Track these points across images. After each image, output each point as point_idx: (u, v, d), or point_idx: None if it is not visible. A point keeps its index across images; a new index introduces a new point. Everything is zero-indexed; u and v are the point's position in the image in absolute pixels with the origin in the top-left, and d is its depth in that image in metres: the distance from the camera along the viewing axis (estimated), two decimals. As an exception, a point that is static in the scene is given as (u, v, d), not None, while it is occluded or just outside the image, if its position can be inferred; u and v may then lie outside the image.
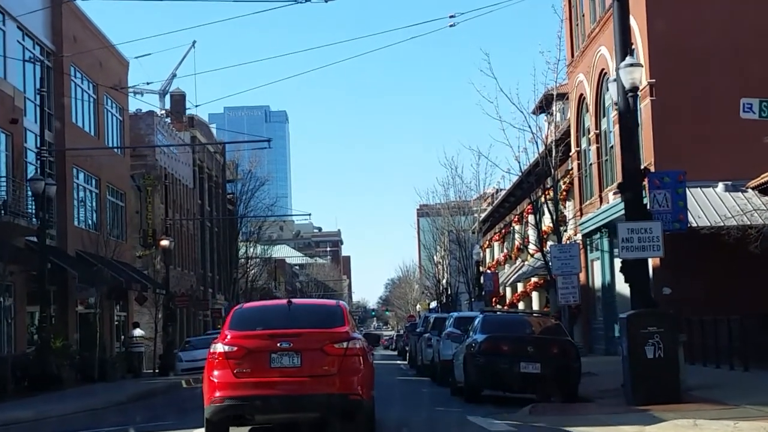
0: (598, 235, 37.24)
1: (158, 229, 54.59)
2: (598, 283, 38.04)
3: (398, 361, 54.58)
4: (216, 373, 12.80)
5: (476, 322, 19.63)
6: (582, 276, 40.46)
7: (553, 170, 30.59)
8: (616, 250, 37.32)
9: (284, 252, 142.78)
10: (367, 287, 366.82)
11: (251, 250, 73.21)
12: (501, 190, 60.20)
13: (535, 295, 51.73)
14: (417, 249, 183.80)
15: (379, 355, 70.14)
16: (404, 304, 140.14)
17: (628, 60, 17.78)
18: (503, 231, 62.98)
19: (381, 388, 21.88)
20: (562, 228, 48.06)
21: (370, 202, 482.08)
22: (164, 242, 44.70)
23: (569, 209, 42.62)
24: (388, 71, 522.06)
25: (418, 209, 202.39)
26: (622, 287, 37.01)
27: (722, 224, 24.63)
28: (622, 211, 34.02)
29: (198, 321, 70.60)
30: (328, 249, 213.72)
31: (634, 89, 17.75)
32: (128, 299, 49.87)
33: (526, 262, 54.06)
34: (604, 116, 35.99)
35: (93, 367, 34.02)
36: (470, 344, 18.79)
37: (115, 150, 50.02)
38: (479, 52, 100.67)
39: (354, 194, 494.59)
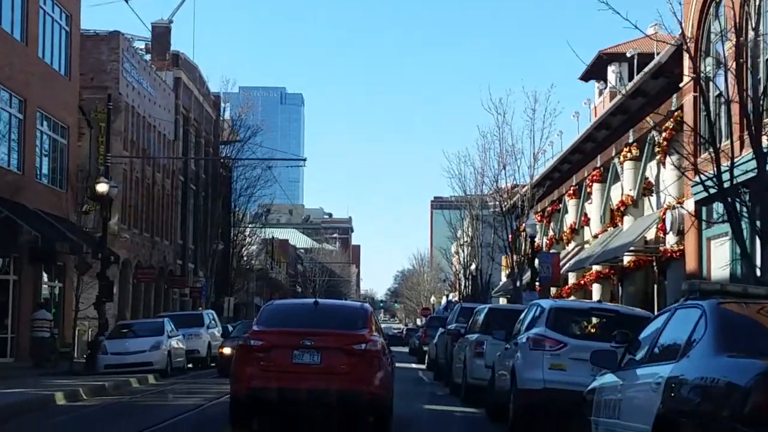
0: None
1: (115, 176, 42.68)
2: (719, 271, 25.72)
3: (413, 365, 42.21)
4: (243, 364, 13.92)
5: (696, 325, 7.08)
6: (693, 261, 28.32)
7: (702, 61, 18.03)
8: (759, 222, 25.28)
9: (291, 235, 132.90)
10: (376, 278, 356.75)
11: (241, 216, 60.97)
12: (517, 186, 47.20)
13: (596, 288, 39.25)
14: (429, 237, 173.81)
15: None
16: (416, 295, 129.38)
17: None
18: (550, 209, 50.65)
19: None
20: (646, 197, 36.02)
21: (384, 192, 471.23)
22: (101, 187, 32.37)
23: (670, 167, 30.28)
24: (409, 56, 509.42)
25: (432, 201, 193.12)
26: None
27: None
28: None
29: (173, 300, 58.56)
30: (338, 236, 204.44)
31: None
32: (66, 267, 37.94)
33: (587, 246, 41.78)
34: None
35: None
36: (727, 388, 6.23)
37: (56, 67, 37.83)
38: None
39: (368, 183, 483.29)
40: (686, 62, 27.94)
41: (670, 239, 29.56)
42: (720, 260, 25.88)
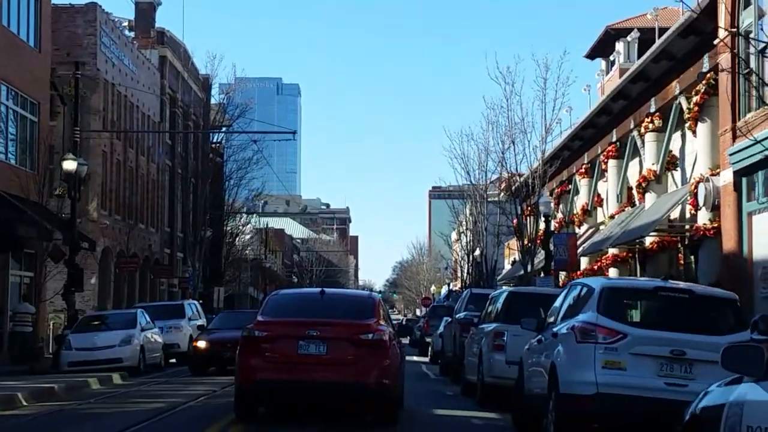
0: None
1: (93, 158, 39.64)
2: (764, 249, 22.67)
3: (414, 357, 39.17)
4: (247, 355, 13.55)
5: None
6: (731, 239, 25.22)
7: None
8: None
9: (287, 225, 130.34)
10: (374, 270, 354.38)
11: (232, 202, 57.89)
12: (515, 174, 43.89)
13: (612, 272, 36.13)
14: (428, 226, 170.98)
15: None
16: (415, 285, 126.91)
17: None
18: (558, 191, 47.49)
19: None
20: (670, 172, 32.83)
21: (382, 183, 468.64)
22: (69, 164, 29.30)
23: (701, 136, 27.18)
24: (408, 41, 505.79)
25: (430, 191, 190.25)
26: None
27: None
28: None
29: (160, 291, 55.45)
30: (335, 227, 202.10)
31: None
32: (38, 255, 34.79)
33: (602, 227, 38.67)
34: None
35: None
36: None
37: (23, 38, 34.65)
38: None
39: (366, 175, 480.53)
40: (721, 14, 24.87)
41: (703, 215, 26.42)
42: (764, 236, 22.82)
